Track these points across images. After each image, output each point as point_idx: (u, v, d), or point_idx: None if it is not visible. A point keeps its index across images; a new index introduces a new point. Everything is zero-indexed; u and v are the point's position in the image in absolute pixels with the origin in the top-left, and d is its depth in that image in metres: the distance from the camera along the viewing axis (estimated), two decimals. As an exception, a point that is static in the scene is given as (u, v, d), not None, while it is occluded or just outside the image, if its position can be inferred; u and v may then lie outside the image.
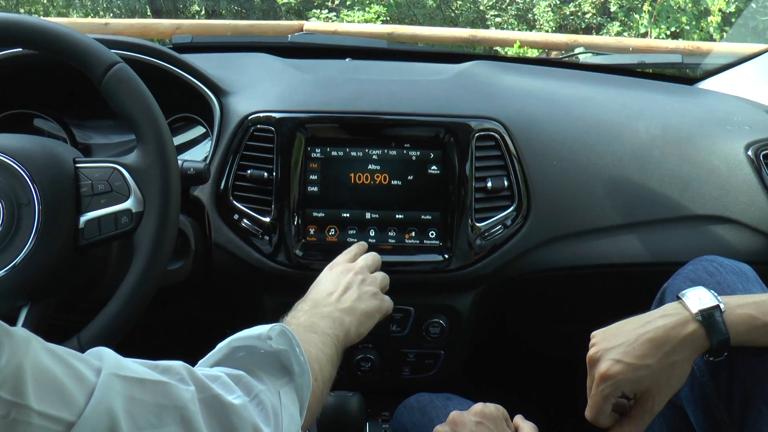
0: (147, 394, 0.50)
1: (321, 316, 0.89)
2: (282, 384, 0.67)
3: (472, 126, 1.14)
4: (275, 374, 0.67)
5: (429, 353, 1.25)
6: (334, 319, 0.89)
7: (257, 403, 0.61)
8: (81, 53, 0.88)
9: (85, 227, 0.87)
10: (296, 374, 0.69)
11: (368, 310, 0.94)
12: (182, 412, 0.52)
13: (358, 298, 0.94)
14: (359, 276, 0.98)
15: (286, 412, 0.64)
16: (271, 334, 0.68)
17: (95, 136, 1.27)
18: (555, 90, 1.32)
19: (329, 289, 0.95)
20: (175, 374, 0.54)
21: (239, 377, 0.62)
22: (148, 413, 0.49)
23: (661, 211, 1.21)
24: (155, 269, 0.87)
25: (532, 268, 1.20)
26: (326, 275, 1.00)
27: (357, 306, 0.93)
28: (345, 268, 1.00)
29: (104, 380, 0.48)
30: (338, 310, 0.91)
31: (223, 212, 1.13)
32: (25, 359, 0.43)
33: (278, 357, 0.68)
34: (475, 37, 4.59)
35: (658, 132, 1.24)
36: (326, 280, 0.98)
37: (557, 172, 1.18)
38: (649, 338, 0.81)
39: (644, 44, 4.68)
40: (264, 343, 0.67)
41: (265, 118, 1.13)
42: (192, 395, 0.53)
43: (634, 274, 1.23)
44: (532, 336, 1.46)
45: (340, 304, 0.92)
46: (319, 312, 0.90)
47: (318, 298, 0.94)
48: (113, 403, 0.47)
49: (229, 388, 0.59)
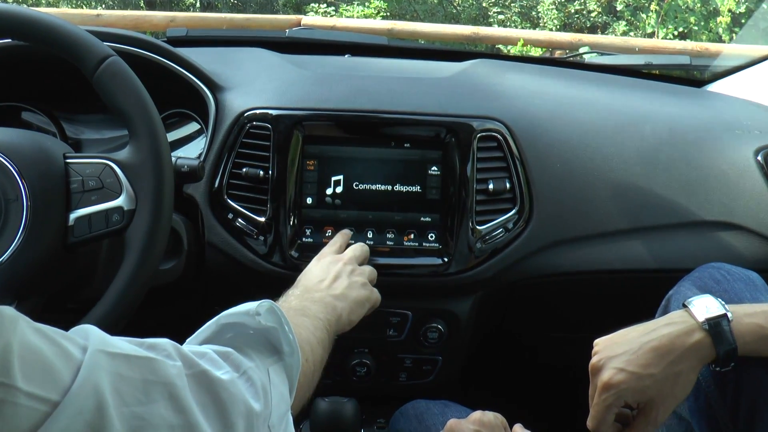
0: (134, 370, 0.50)
1: (312, 301, 0.90)
2: (271, 362, 0.67)
3: (473, 126, 1.14)
4: (264, 352, 0.67)
5: (426, 359, 1.25)
6: (325, 304, 0.91)
7: (246, 379, 0.61)
8: (73, 45, 0.88)
9: (75, 225, 0.87)
10: (285, 353, 0.69)
11: (359, 298, 0.97)
12: (170, 389, 0.52)
13: (348, 286, 0.97)
14: (348, 266, 1.01)
15: (276, 390, 0.65)
16: (259, 310, 0.68)
17: (86, 131, 1.27)
18: (559, 90, 1.32)
19: (319, 276, 0.98)
20: (162, 350, 0.54)
21: (227, 354, 0.62)
22: (136, 390, 0.49)
23: (667, 217, 1.21)
24: (146, 269, 0.86)
25: (533, 272, 1.20)
26: (315, 265, 1.02)
27: (348, 293, 0.96)
28: (333, 258, 1.03)
29: (90, 357, 0.48)
30: (330, 296, 0.93)
31: (217, 211, 1.13)
32: (12, 338, 0.43)
33: (267, 335, 0.68)
34: (477, 34, 4.60)
35: (665, 135, 1.24)
36: (315, 270, 1.00)
37: (560, 174, 1.19)
38: (654, 347, 0.81)
39: (651, 45, 4.69)
40: (252, 319, 0.67)
41: (261, 115, 1.13)
42: (179, 371, 0.53)
43: (638, 280, 1.23)
44: (533, 342, 1.46)
45: (331, 291, 0.95)
46: (310, 297, 0.91)
47: (309, 285, 0.95)
48: (100, 380, 0.47)
49: (216, 364, 0.59)
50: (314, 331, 0.82)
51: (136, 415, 0.48)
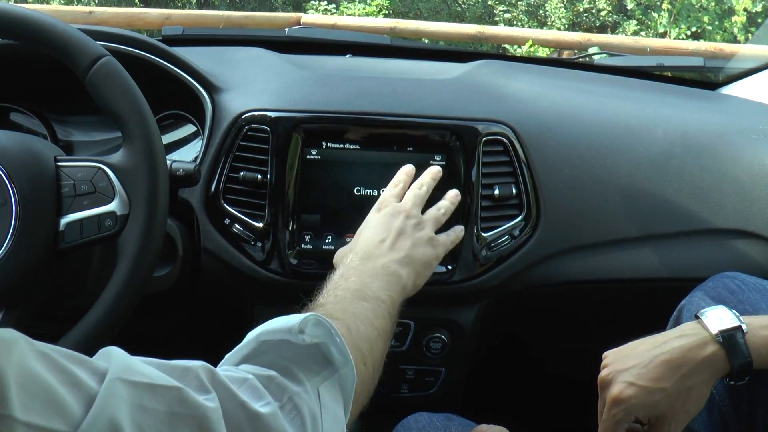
0: (159, 401, 0.47)
1: (373, 274, 0.85)
2: (321, 379, 0.63)
3: (479, 129, 1.14)
4: (313, 368, 0.63)
5: (429, 370, 1.25)
6: (389, 276, 0.86)
7: (291, 408, 0.57)
8: (65, 45, 0.88)
9: (66, 230, 0.87)
10: (338, 364, 0.65)
11: (425, 258, 0.92)
12: (200, 423, 0.48)
13: (413, 245, 0.91)
14: (412, 220, 0.95)
15: (327, 412, 0.61)
16: (303, 326, 0.63)
17: (78, 133, 1.27)
18: (567, 93, 1.32)
19: (380, 235, 0.92)
20: (194, 378, 0.51)
21: (270, 378, 0.58)
22: (160, 423, 0.46)
23: (679, 224, 1.21)
24: (140, 276, 0.86)
25: (540, 281, 1.20)
26: (374, 218, 0.96)
27: (413, 255, 0.90)
28: (394, 209, 0.96)
29: (108, 387, 0.45)
30: (394, 262, 0.88)
31: (214, 216, 1.13)
32: (6, 363, 0.41)
33: (316, 349, 0.64)
34: (482, 33, 4.61)
35: (677, 139, 1.24)
36: (375, 224, 0.94)
37: (569, 179, 1.19)
38: (665, 360, 0.81)
39: (663, 45, 4.70)
40: (296, 337, 0.63)
41: (259, 117, 1.13)
42: (213, 402, 0.50)
43: (649, 290, 1.23)
44: (540, 354, 1.46)
45: (394, 254, 0.89)
46: (371, 267, 0.86)
47: (369, 248, 0.90)
48: (118, 412, 0.44)
49: (257, 392, 0.56)
50: (375, 320, 0.78)
51: None
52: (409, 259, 0.90)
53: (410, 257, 0.90)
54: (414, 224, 0.94)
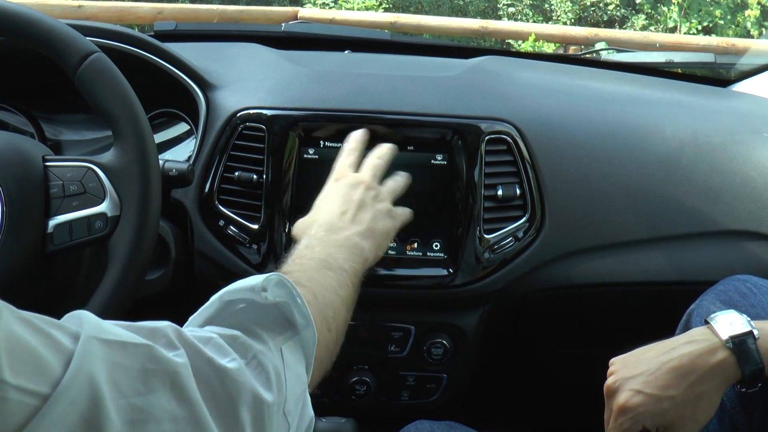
0: (131, 358, 0.49)
1: (337, 245, 0.88)
2: (284, 339, 0.65)
3: (481, 128, 1.15)
4: (275, 329, 0.66)
5: (430, 376, 1.25)
6: (351, 247, 0.89)
7: (255, 365, 0.60)
8: (53, 41, 0.88)
9: (55, 232, 0.87)
10: (300, 326, 0.67)
11: (384, 230, 0.95)
12: (172, 378, 0.51)
13: (374, 217, 0.94)
14: (371, 191, 0.97)
15: (291, 372, 0.63)
16: (266, 285, 0.66)
17: (66, 132, 1.27)
18: (573, 90, 1.33)
19: (341, 207, 0.94)
20: (162, 337, 0.54)
21: (234, 337, 0.61)
22: (134, 379, 0.49)
23: (689, 225, 1.21)
24: (131, 279, 0.86)
25: (545, 285, 1.20)
26: (333, 189, 0.99)
27: (374, 227, 0.94)
28: (354, 180, 0.99)
29: (83, 345, 0.47)
30: (356, 235, 0.91)
31: (208, 218, 1.13)
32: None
33: (278, 309, 0.67)
34: (485, 28, 4.61)
35: (687, 138, 1.24)
36: (335, 195, 0.97)
37: (575, 180, 1.19)
38: (674, 367, 0.81)
39: (673, 40, 4.71)
40: (259, 295, 0.66)
41: (255, 116, 1.13)
42: (182, 359, 0.52)
43: (657, 293, 1.23)
44: (544, 360, 1.46)
45: (356, 226, 0.92)
46: (335, 239, 0.89)
47: (331, 220, 0.93)
48: (94, 369, 0.46)
49: (222, 350, 0.58)
50: (338, 289, 0.80)
51: (135, 407, 0.48)
52: (370, 232, 0.93)
53: (371, 230, 0.93)
54: (373, 196, 0.97)
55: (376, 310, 1.19)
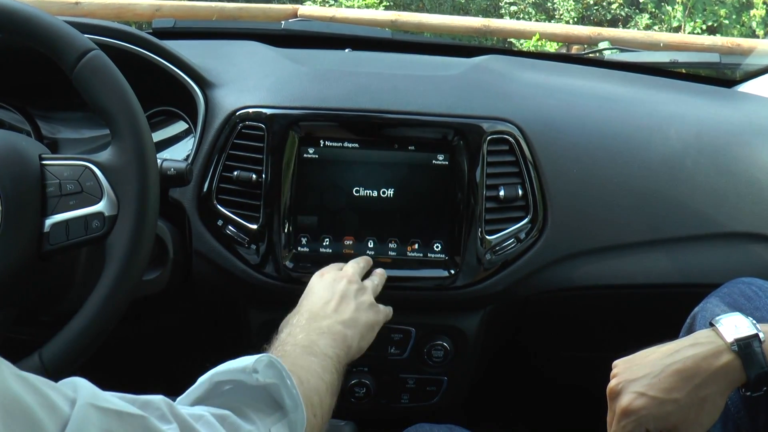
0: (126, 427, 0.50)
1: (320, 333, 0.89)
2: (273, 421, 0.67)
3: (483, 128, 1.15)
4: (265, 410, 0.67)
5: (431, 379, 1.25)
6: (334, 334, 0.90)
7: None
8: (51, 38, 0.88)
9: (51, 231, 0.87)
10: (289, 409, 0.69)
11: (369, 321, 0.97)
12: None
13: (356, 308, 0.97)
14: (354, 285, 1.00)
15: None
16: (257, 366, 0.68)
17: (63, 130, 1.27)
18: (576, 90, 1.33)
19: (325, 297, 0.97)
20: (155, 410, 0.55)
21: (224, 417, 0.62)
22: None
23: (693, 227, 1.21)
24: (129, 279, 0.86)
25: (547, 287, 1.20)
26: (317, 283, 1.02)
27: (357, 317, 0.95)
28: (337, 275, 1.02)
29: (79, 411, 0.48)
30: (339, 323, 0.92)
31: (206, 217, 1.14)
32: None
33: (267, 391, 0.68)
34: (488, 27, 4.60)
35: (691, 139, 1.24)
36: (319, 288, 1.00)
37: (577, 180, 1.19)
38: (677, 369, 0.81)
39: (677, 40, 4.70)
40: (249, 377, 0.68)
41: (254, 114, 1.13)
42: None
43: (661, 296, 1.23)
44: (546, 362, 1.46)
45: (339, 315, 0.94)
46: (318, 327, 0.91)
47: (314, 309, 0.95)
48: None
49: (213, 428, 0.59)
50: (323, 374, 0.82)
51: None
52: (353, 321, 0.95)
53: (355, 320, 0.95)
54: (356, 289, 1.00)
55: (376, 312, 1.19)
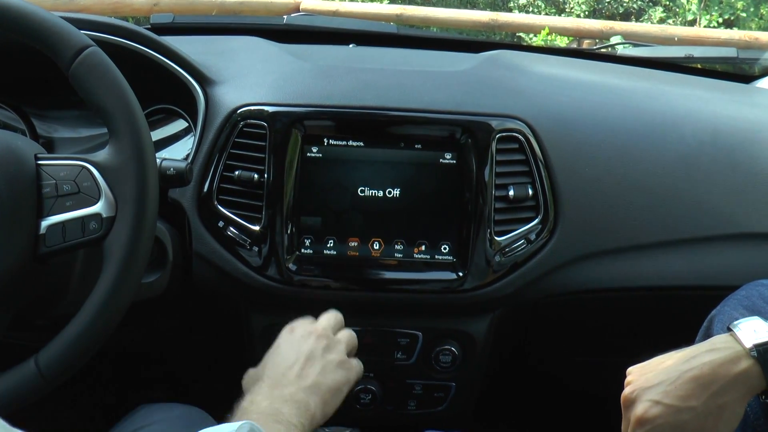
0: None
1: (283, 401, 0.88)
2: None
3: (492, 125, 1.15)
4: None
5: (438, 385, 1.25)
6: (297, 402, 0.88)
7: None
8: (46, 34, 0.88)
9: (47, 233, 0.87)
10: None
11: (334, 384, 0.94)
12: None
13: (321, 371, 0.93)
14: (322, 341, 0.97)
15: None
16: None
17: (60, 129, 1.27)
18: (588, 86, 1.33)
19: (289, 360, 0.94)
20: None
21: None
22: None
23: (710, 227, 1.21)
24: (127, 282, 0.87)
25: (558, 289, 1.20)
26: (285, 340, 0.99)
27: (321, 381, 0.92)
28: (305, 330, 0.99)
29: None
30: (301, 390, 0.90)
31: (206, 219, 1.14)
32: None
33: None
34: (496, 21, 4.61)
35: (708, 137, 1.24)
36: (285, 348, 0.97)
37: (590, 179, 1.19)
38: (694, 376, 0.81)
39: (692, 34, 4.69)
40: None
41: (256, 112, 1.14)
42: None
43: (677, 299, 1.23)
44: (557, 368, 1.46)
45: (302, 381, 0.91)
46: (280, 394, 0.89)
47: (277, 375, 0.92)
48: None
49: None
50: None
51: None
52: (316, 387, 0.92)
53: (318, 384, 0.92)
54: (324, 347, 0.96)
55: (381, 316, 1.20)
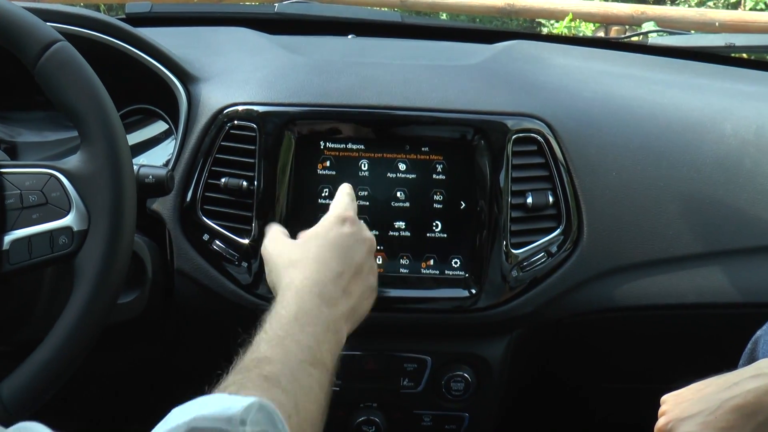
0: None
1: (326, 329, 0.88)
2: None
3: (508, 125, 1.15)
4: None
5: (449, 416, 1.25)
6: (336, 332, 0.89)
7: None
8: (9, 28, 0.88)
9: (11, 249, 0.87)
10: None
11: (364, 313, 0.97)
12: None
13: (361, 295, 0.96)
14: (370, 260, 0.99)
15: None
16: (245, 416, 0.65)
17: (24, 133, 1.28)
18: (615, 80, 1.33)
19: (339, 265, 0.95)
20: None
21: None
22: None
23: (753, 238, 1.21)
24: (101, 303, 0.87)
25: (583, 308, 1.20)
26: (336, 233, 0.98)
27: (357, 308, 0.95)
28: (361, 235, 1.00)
29: None
30: (342, 316, 0.91)
31: (190, 231, 1.14)
32: None
33: None
34: (512, 6, 4.60)
35: (751, 136, 1.24)
36: (335, 245, 0.97)
37: (617, 185, 1.19)
38: (737, 405, 0.81)
39: (736, 18, 4.66)
40: (235, 428, 0.65)
41: (244, 113, 1.14)
42: None
43: (717, 318, 1.23)
44: (583, 396, 1.45)
45: (344, 303, 0.92)
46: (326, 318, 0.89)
47: (325, 281, 0.92)
48: None
49: None
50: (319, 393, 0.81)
51: None
52: (352, 312, 0.94)
53: (354, 310, 0.94)
54: (370, 267, 0.99)
55: (386, 338, 1.19)
